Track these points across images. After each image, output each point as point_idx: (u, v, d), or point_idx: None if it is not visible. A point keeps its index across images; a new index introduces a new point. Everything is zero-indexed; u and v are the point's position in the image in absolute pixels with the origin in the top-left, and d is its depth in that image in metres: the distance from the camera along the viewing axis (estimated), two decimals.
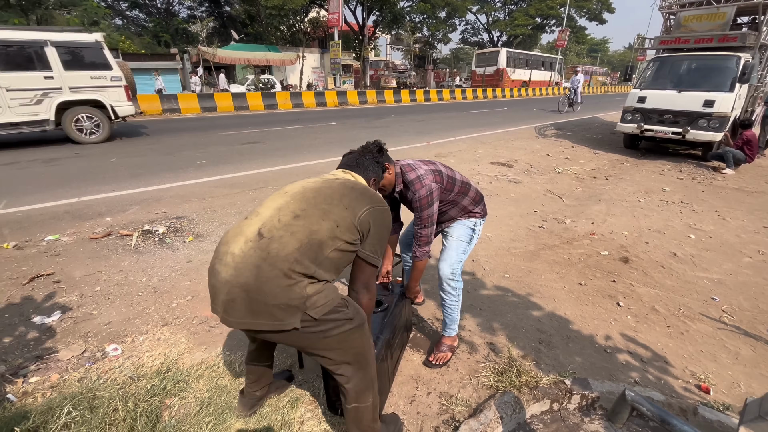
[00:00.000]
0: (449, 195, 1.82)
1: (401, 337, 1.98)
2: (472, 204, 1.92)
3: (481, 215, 1.96)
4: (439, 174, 1.76)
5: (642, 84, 7.46)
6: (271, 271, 1.06)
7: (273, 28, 26.89)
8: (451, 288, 1.93)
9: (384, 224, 1.28)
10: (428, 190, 1.68)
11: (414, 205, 1.73)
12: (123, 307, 2.44)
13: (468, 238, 1.93)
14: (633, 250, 3.36)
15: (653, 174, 6.17)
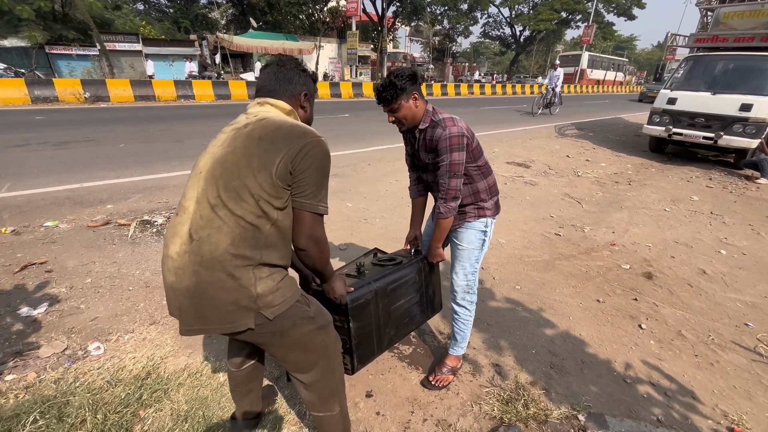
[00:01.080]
0: (472, 163, 1.60)
1: (410, 303, 1.77)
2: (487, 193, 1.69)
3: (493, 213, 1.73)
4: (470, 132, 1.58)
5: (673, 84, 7.04)
6: (210, 275, 0.96)
7: (292, 17, 26.71)
8: (466, 302, 1.78)
9: (313, 159, 1.01)
10: (460, 130, 1.50)
11: (440, 146, 1.50)
12: (112, 301, 2.34)
13: (479, 244, 1.72)
14: (657, 265, 3.11)
15: (680, 181, 5.81)
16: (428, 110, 1.56)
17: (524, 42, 39.74)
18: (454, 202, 1.56)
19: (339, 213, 3.84)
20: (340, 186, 4.62)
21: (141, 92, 11.12)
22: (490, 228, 1.73)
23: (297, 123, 1.08)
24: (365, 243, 3.22)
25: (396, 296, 1.67)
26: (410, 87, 1.49)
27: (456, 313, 1.82)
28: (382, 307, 1.59)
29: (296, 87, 1.16)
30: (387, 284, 1.61)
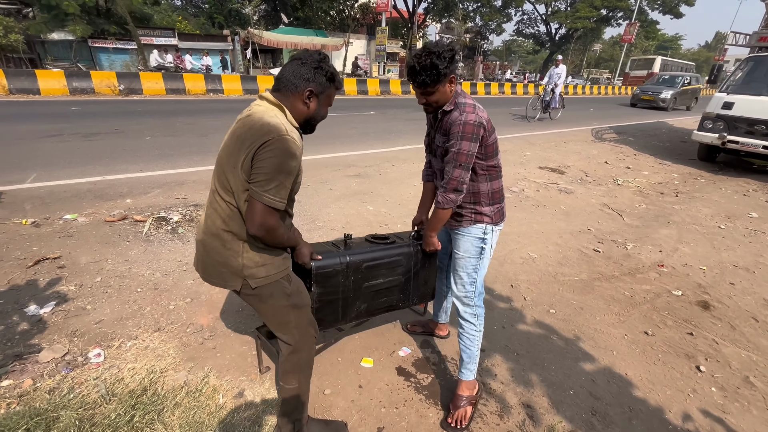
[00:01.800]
0: (481, 160, 1.47)
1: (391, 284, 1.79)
2: (488, 198, 1.54)
3: (493, 220, 1.56)
4: (490, 125, 1.46)
5: (729, 87, 6.41)
6: (211, 242, 1.23)
7: (323, 13, 26.75)
8: (468, 315, 1.64)
9: (271, 153, 1.08)
10: (479, 119, 1.38)
11: (453, 130, 1.39)
12: (119, 303, 2.25)
13: (477, 252, 1.57)
14: (714, 293, 2.74)
15: (735, 194, 5.27)
16: (457, 91, 1.45)
17: (560, 40, 38.22)
18: (454, 194, 1.45)
19: (359, 216, 3.65)
20: (361, 187, 4.44)
21: (172, 86, 11.35)
22: (491, 236, 1.57)
23: (268, 120, 1.11)
24: None
25: (374, 274, 1.72)
26: (451, 69, 1.36)
27: (460, 327, 1.67)
28: (354, 281, 1.68)
29: (301, 83, 1.18)
30: (363, 260, 1.68)
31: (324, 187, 4.34)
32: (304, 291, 1.39)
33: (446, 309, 2.06)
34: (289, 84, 1.18)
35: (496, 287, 2.65)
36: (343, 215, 3.65)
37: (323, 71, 1.19)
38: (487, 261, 1.61)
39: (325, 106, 1.27)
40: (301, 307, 1.36)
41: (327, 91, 1.23)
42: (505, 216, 1.62)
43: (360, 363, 1.92)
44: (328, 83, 1.22)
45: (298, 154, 1.13)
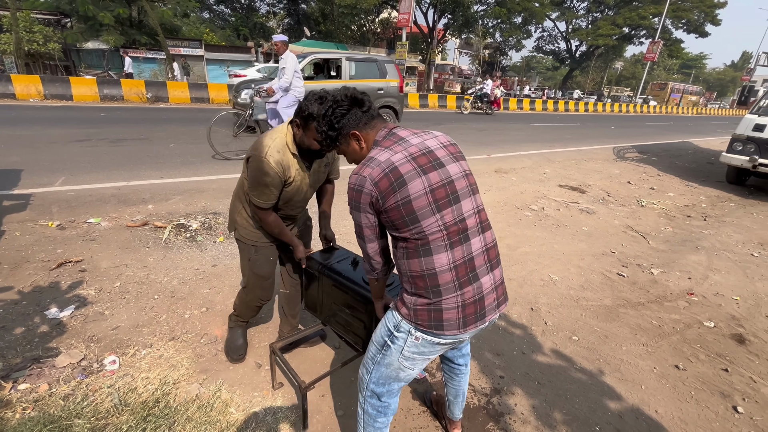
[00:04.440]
0: (392, 230, 1.07)
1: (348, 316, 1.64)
2: (409, 283, 1.07)
3: (411, 317, 1.07)
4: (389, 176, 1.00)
5: (761, 110, 6.20)
6: (234, 195, 1.79)
7: (344, 27, 27.39)
8: (358, 401, 1.29)
9: (250, 168, 1.52)
10: (357, 183, 1.03)
11: None
12: (135, 310, 2.26)
13: (381, 343, 1.17)
14: (749, 326, 2.58)
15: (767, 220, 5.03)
16: (376, 142, 1.11)
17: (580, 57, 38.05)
18: (370, 273, 1.20)
19: None
20: None
21: (197, 95, 11.70)
22: (404, 340, 1.10)
23: (261, 139, 1.53)
24: None
25: (340, 299, 1.66)
26: (344, 127, 1.11)
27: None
28: (325, 293, 1.73)
29: (294, 116, 1.50)
30: (332, 281, 1.66)
31: (341, 199, 4.34)
32: (266, 264, 1.79)
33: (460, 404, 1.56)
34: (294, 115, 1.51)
35: (515, 309, 2.56)
36: None
37: (303, 108, 1.43)
38: (393, 366, 1.15)
39: (309, 138, 1.46)
40: (257, 274, 1.79)
41: (309, 126, 1.43)
42: (444, 325, 1.04)
43: None
44: (305, 120, 1.43)
45: (271, 173, 1.46)
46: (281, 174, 1.49)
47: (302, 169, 1.59)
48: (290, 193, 1.60)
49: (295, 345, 2.05)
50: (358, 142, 1.13)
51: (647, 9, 30.56)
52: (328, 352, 2.07)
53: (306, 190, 1.67)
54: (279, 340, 1.82)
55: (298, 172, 1.57)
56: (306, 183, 1.64)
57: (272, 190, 1.52)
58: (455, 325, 1.04)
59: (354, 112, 1.11)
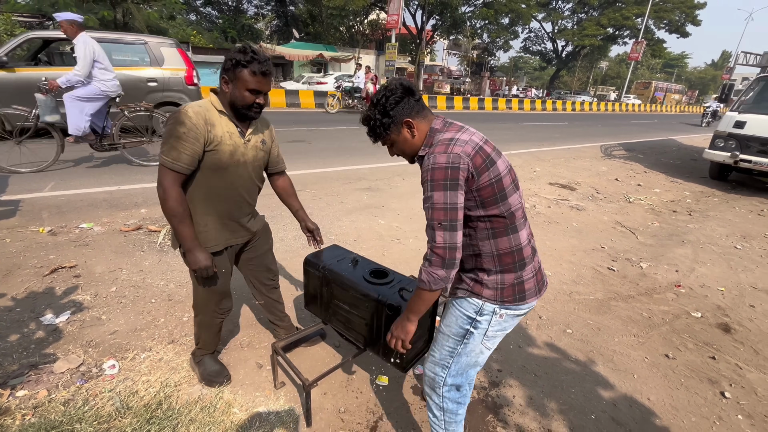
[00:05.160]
0: (477, 210, 1.06)
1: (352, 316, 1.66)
2: (492, 262, 1.10)
3: (497, 296, 1.11)
4: (477, 160, 1.02)
5: (741, 106, 6.40)
6: None
7: (333, 29, 27.38)
8: (433, 405, 1.29)
9: (166, 126, 1.35)
10: (452, 159, 1.00)
11: (422, 180, 1.06)
12: (133, 314, 2.25)
13: (459, 334, 1.17)
14: (734, 315, 2.68)
15: (750, 214, 5.20)
16: (433, 129, 1.12)
17: (566, 57, 38.65)
18: (443, 270, 1.01)
19: (371, 230, 3.65)
20: (372, 201, 4.45)
21: None
22: (488, 320, 1.13)
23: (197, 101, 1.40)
24: (397, 265, 2.99)
25: (341, 297, 1.68)
26: (398, 114, 1.10)
27: (428, 410, 1.34)
28: (327, 292, 1.73)
29: (219, 74, 1.38)
30: (334, 279, 1.67)
31: (336, 200, 4.36)
32: (217, 278, 1.57)
33: None
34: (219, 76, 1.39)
35: None
36: (355, 229, 3.65)
37: (229, 59, 1.32)
38: (475, 352, 1.18)
39: (240, 90, 1.34)
40: (208, 289, 1.58)
41: (237, 75, 1.31)
42: (528, 296, 1.12)
43: (376, 381, 1.89)
44: (233, 68, 1.31)
45: (187, 123, 1.29)
46: (201, 127, 1.31)
47: (236, 135, 1.42)
48: (222, 160, 1.39)
49: (295, 345, 2.06)
50: (410, 130, 1.12)
51: (630, 10, 31.22)
52: (329, 351, 2.09)
53: (246, 165, 1.48)
54: (280, 340, 1.83)
55: (229, 135, 1.40)
56: (243, 155, 1.46)
57: (184, 145, 1.29)
58: (533, 292, 1.14)
59: (408, 101, 1.11)
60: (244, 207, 1.58)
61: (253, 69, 1.32)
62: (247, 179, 1.53)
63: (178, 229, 1.38)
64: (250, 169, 1.52)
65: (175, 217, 1.36)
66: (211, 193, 1.45)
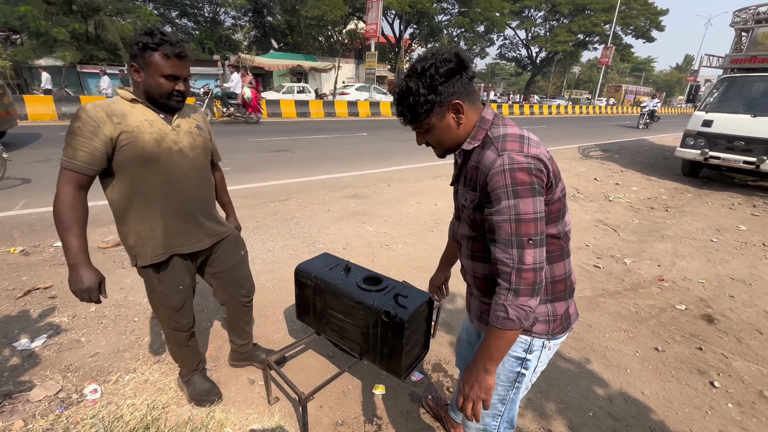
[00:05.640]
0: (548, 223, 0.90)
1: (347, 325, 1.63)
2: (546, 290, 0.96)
3: (550, 329, 0.98)
4: (552, 165, 0.88)
5: (707, 106, 6.71)
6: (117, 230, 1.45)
7: (312, 39, 27.45)
8: None
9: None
10: (534, 161, 0.82)
11: (492, 184, 0.83)
12: (115, 334, 2.15)
13: (509, 379, 1.04)
14: (716, 306, 2.76)
15: (722, 208, 5.42)
16: (484, 120, 0.91)
17: (540, 63, 39.85)
18: (532, 299, 0.83)
19: (359, 237, 3.62)
20: (359, 208, 4.43)
21: None
22: (538, 356, 1.00)
23: None
24: (388, 271, 2.97)
25: (335, 306, 1.66)
26: (447, 93, 0.85)
27: None
28: (320, 301, 1.70)
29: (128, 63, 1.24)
30: (327, 287, 1.66)
31: (322, 209, 4.32)
32: (175, 294, 1.46)
33: None
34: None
35: None
36: (343, 236, 3.62)
37: (135, 43, 1.18)
38: (525, 390, 1.07)
39: (154, 77, 1.20)
40: (166, 306, 1.47)
41: (148, 60, 1.18)
42: (572, 321, 1.02)
43: (372, 390, 1.85)
44: (141, 53, 1.18)
45: (83, 116, 1.15)
46: (100, 120, 1.16)
47: (159, 122, 1.27)
48: (147, 150, 1.23)
49: (285, 358, 2.01)
50: (456, 115, 0.89)
51: (599, 17, 32.56)
52: (322, 362, 2.04)
53: (183, 153, 1.32)
54: (274, 354, 1.78)
55: (149, 123, 1.25)
56: (176, 142, 1.30)
57: (79, 141, 1.14)
58: (575, 317, 1.04)
59: (461, 78, 0.86)
60: (193, 201, 1.40)
61: (165, 51, 1.18)
62: (189, 169, 1.35)
63: (63, 238, 1.18)
64: (191, 157, 1.35)
65: (60, 222, 1.17)
66: (150, 191, 1.28)
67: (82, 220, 1.21)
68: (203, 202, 1.47)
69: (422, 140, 0.97)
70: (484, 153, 0.87)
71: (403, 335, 1.45)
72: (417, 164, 6.93)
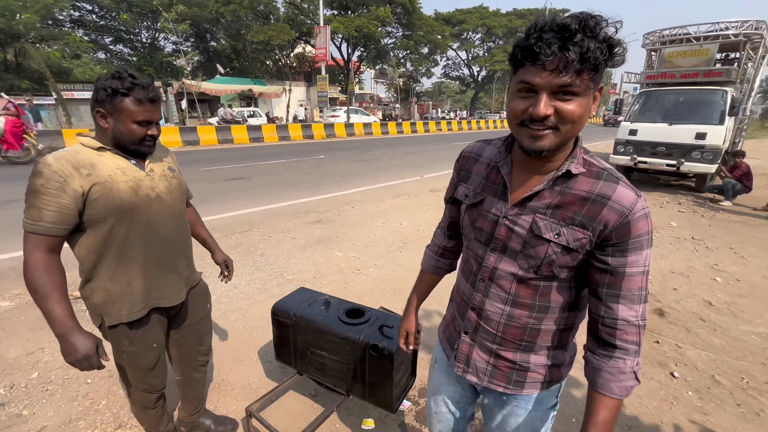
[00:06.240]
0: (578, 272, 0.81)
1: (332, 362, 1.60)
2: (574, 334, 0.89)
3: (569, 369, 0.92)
4: None
5: (631, 117, 7.51)
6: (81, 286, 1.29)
7: (259, 63, 27.20)
8: None
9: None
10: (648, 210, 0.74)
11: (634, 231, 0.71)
12: (65, 401, 1.90)
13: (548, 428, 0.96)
14: (664, 300, 3.03)
15: (654, 207, 6.02)
16: (580, 139, 0.78)
17: (482, 81, 42.49)
18: (639, 359, 0.77)
19: (329, 264, 3.56)
20: (325, 233, 4.37)
21: None
22: (558, 396, 0.95)
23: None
24: (362, 297, 2.94)
25: (318, 344, 1.62)
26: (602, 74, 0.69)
27: None
28: (302, 340, 1.66)
29: (93, 106, 1.14)
30: (309, 325, 1.62)
31: (287, 237, 4.21)
32: (149, 352, 1.33)
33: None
34: (91, 111, 1.16)
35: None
36: (312, 264, 3.54)
37: (103, 87, 1.10)
38: None
39: (125, 123, 1.13)
40: (138, 367, 1.33)
41: (118, 106, 1.11)
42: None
43: (361, 426, 1.79)
44: (110, 99, 1.10)
45: (46, 172, 1.04)
46: (69, 173, 1.06)
47: (131, 169, 1.18)
48: (124, 200, 1.14)
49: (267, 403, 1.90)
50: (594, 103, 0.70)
51: None
52: (305, 402, 1.95)
53: (161, 199, 1.24)
54: (255, 401, 1.67)
55: (121, 171, 1.15)
56: (152, 188, 1.22)
57: (45, 200, 1.04)
58: None
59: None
60: (174, 249, 1.32)
61: (138, 97, 1.12)
62: (168, 215, 1.27)
63: (43, 307, 1.06)
64: (170, 201, 1.28)
65: (36, 292, 1.05)
66: (127, 243, 1.18)
67: (60, 285, 1.09)
68: (184, 248, 1.39)
69: (550, 108, 0.67)
70: (611, 187, 0.72)
71: (392, 367, 1.43)
72: (378, 184, 7.01)
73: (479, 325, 0.89)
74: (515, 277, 0.81)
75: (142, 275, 1.24)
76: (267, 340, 2.40)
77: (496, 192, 0.83)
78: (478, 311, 0.88)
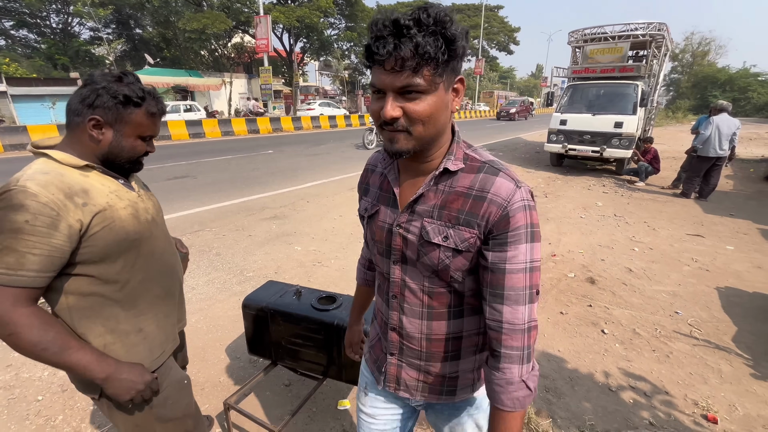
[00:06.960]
0: None
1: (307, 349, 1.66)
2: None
3: None
4: None
5: (561, 108, 8.24)
6: None
7: (193, 53, 25.39)
8: None
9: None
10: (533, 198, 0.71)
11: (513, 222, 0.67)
12: (14, 424, 1.77)
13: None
14: (594, 269, 3.46)
15: (583, 189, 6.71)
16: (457, 133, 0.75)
17: None
18: (534, 369, 0.71)
19: (289, 259, 3.56)
20: (282, 229, 4.33)
21: (11, 141, 9.33)
22: None
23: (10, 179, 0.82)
24: (327, 288, 3.00)
25: (290, 331, 1.67)
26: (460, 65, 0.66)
27: None
28: (275, 331, 1.70)
29: (84, 110, 0.88)
30: (282, 316, 1.66)
31: (243, 235, 4.11)
32: (184, 396, 1.11)
33: None
34: (71, 115, 0.90)
35: None
36: (272, 260, 3.51)
37: (110, 93, 0.88)
38: None
39: (130, 137, 0.94)
40: (170, 420, 1.05)
41: (125, 118, 0.91)
42: None
43: (337, 407, 1.89)
44: (121, 107, 0.90)
45: (30, 203, 0.77)
46: (62, 204, 0.81)
47: (123, 191, 0.96)
48: (129, 232, 0.93)
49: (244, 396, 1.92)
50: (457, 96, 0.69)
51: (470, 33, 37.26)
52: (281, 392, 1.99)
53: (156, 223, 1.05)
54: (232, 395, 1.69)
55: (116, 195, 0.93)
56: (147, 210, 1.02)
57: (32, 242, 0.78)
58: None
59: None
60: (176, 276, 1.14)
61: (151, 110, 0.94)
62: (164, 239, 1.08)
63: (67, 363, 0.84)
64: (161, 222, 1.09)
65: (46, 350, 0.81)
66: (133, 281, 0.96)
67: (65, 333, 0.85)
68: (180, 273, 1.19)
69: (397, 109, 0.63)
70: (491, 180, 0.69)
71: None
72: (331, 178, 7.01)
73: (403, 345, 0.84)
74: (423, 289, 0.78)
75: (154, 316, 1.03)
76: (233, 338, 2.39)
77: (388, 201, 0.80)
78: (399, 331, 0.84)
